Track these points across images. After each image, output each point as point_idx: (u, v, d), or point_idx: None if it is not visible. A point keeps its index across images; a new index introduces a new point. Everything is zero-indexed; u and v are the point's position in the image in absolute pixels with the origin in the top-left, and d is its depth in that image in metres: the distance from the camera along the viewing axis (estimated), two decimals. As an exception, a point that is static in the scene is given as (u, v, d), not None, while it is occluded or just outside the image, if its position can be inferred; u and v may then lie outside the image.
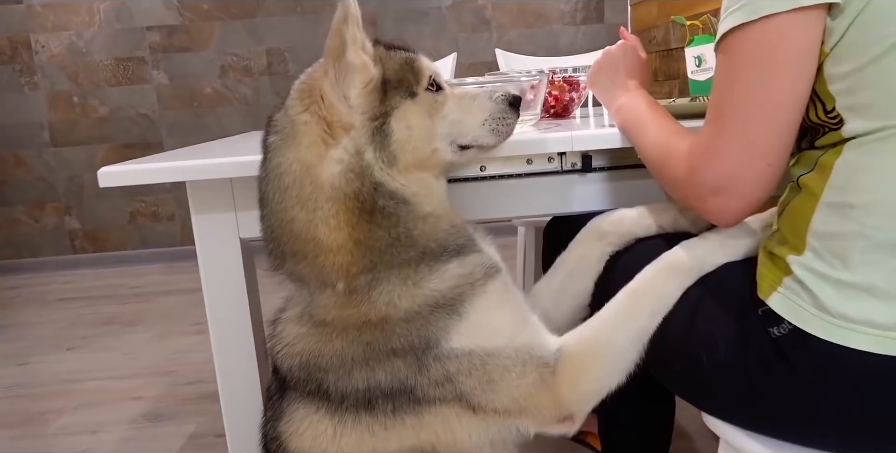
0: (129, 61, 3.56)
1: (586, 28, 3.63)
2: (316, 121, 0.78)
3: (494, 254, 0.86)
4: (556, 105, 1.28)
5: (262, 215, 0.82)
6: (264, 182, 0.81)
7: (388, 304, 0.76)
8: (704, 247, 0.79)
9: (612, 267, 0.90)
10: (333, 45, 0.76)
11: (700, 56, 1.41)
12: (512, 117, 0.86)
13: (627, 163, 1.01)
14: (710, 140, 0.70)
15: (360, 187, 0.77)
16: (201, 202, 0.99)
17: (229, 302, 1.02)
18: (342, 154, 0.77)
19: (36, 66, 3.53)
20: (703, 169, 0.71)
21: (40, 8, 3.48)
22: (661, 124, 0.85)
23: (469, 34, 3.62)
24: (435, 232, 0.80)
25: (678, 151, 0.76)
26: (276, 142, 0.80)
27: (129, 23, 3.52)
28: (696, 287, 0.78)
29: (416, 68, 0.81)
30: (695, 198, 0.74)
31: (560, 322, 0.93)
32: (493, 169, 1.00)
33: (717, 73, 0.71)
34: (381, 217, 0.77)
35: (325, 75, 0.77)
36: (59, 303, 3.15)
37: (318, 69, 0.79)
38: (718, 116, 0.69)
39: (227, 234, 1.00)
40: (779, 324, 0.68)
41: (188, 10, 3.51)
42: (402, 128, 0.78)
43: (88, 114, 3.60)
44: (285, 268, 0.81)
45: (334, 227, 0.77)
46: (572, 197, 1.02)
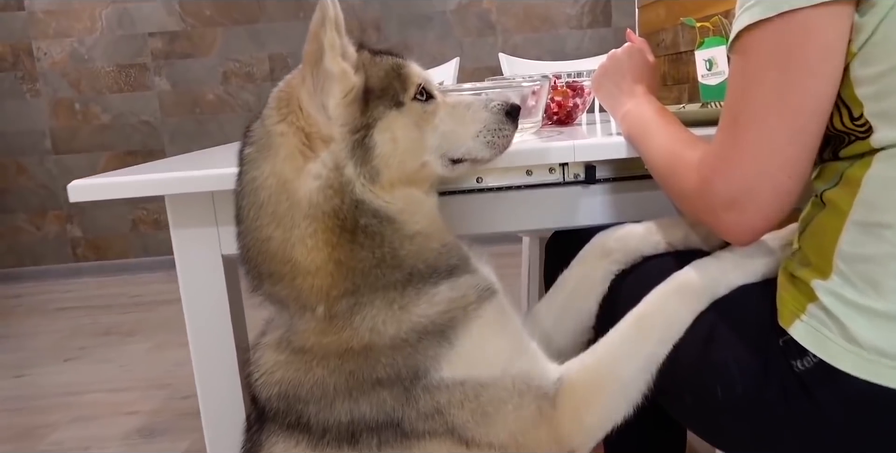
0: (131, 68, 3.53)
1: (593, 32, 3.57)
2: (293, 133, 0.72)
3: (490, 274, 0.80)
4: (560, 112, 1.22)
5: (237, 232, 0.77)
6: (240, 197, 0.75)
7: (372, 331, 0.70)
8: (718, 267, 0.73)
9: (617, 287, 0.84)
10: (311, 51, 0.70)
11: (711, 59, 1.35)
12: (509, 128, 0.79)
13: (634, 173, 0.95)
14: (724, 149, 0.64)
15: (340, 204, 0.71)
16: (181, 217, 0.94)
17: (211, 322, 0.96)
18: (320, 169, 0.71)
19: (38, 72, 3.51)
20: (715, 181, 0.64)
21: (42, 14, 3.46)
22: (669, 132, 0.78)
23: (474, 38, 3.56)
24: (424, 252, 0.74)
25: (689, 162, 0.70)
26: (251, 154, 0.75)
27: (130, 29, 3.49)
28: (709, 311, 0.71)
29: (403, 75, 0.75)
30: (707, 213, 0.67)
31: (562, 345, 0.87)
32: (491, 180, 0.94)
33: (732, 76, 0.64)
34: (363, 236, 0.71)
35: (302, 83, 0.72)
36: (59, 313, 3.12)
37: (297, 76, 0.74)
38: (733, 123, 0.63)
39: (209, 250, 0.94)
40: (802, 357, 0.61)
41: (190, 16, 3.48)
42: (385, 141, 0.72)
43: (90, 122, 3.58)
44: (263, 289, 0.75)
45: (312, 247, 0.71)
46: (575, 210, 0.96)
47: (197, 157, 1.16)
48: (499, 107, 0.79)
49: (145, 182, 0.90)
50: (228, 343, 0.97)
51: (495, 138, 0.78)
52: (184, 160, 1.13)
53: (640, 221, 0.87)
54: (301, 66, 0.72)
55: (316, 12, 0.69)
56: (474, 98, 0.81)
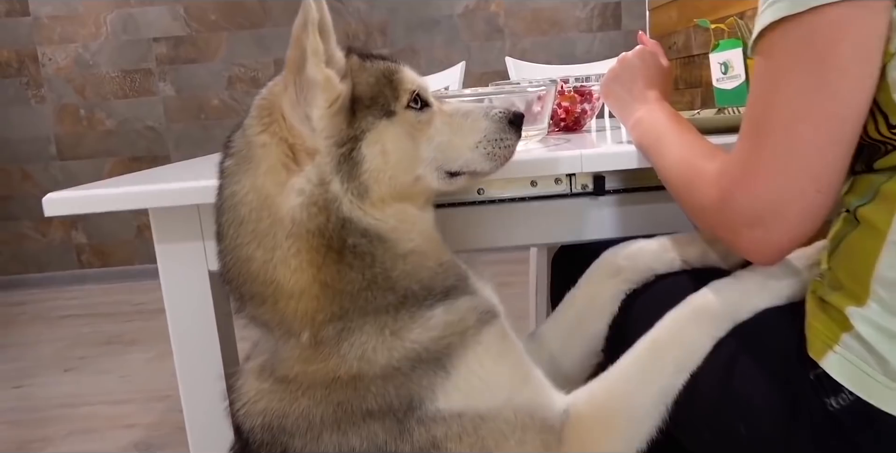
0: (136, 73, 3.51)
1: (603, 35, 3.51)
2: (276, 144, 0.67)
3: (491, 295, 0.74)
4: (567, 118, 1.17)
5: (218, 250, 0.71)
6: (219, 213, 0.70)
7: (361, 359, 0.64)
8: (739, 289, 0.67)
9: (628, 307, 0.78)
10: (293, 57, 0.64)
11: (726, 62, 1.28)
12: (512, 138, 0.73)
13: (646, 184, 0.89)
14: (746, 160, 0.58)
15: (325, 223, 0.65)
16: (165, 231, 0.89)
17: (198, 342, 0.91)
18: (304, 184, 0.66)
19: (43, 78, 3.49)
20: (737, 195, 0.58)
21: (47, 20, 3.44)
22: (685, 141, 0.72)
23: (482, 42, 3.51)
24: (418, 272, 0.68)
25: (706, 174, 0.64)
26: (231, 167, 0.69)
27: (135, 34, 3.47)
28: (730, 338, 0.65)
29: (395, 82, 0.69)
30: (727, 229, 0.61)
31: (569, 369, 0.81)
32: (493, 192, 0.88)
33: (754, 80, 0.58)
34: (352, 256, 0.66)
35: (284, 91, 0.66)
36: (61, 321, 3.09)
37: (279, 83, 0.68)
38: (756, 131, 0.57)
39: (195, 267, 0.89)
40: (836, 394, 0.55)
41: (195, 21, 3.46)
42: (375, 154, 0.66)
43: (95, 128, 3.56)
44: (246, 311, 0.70)
45: (296, 269, 0.66)
46: (583, 223, 0.90)
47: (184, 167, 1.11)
48: (500, 115, 0.73)
49: (126, 195, 0.85)
50: (216, 364, 0.91)
51: (496, 149, 0.72)
52: (170, 170, 1.08)
53: (652, 236, 0.82)
54: (284, 72, 0.67)
55: (298, 15, 0.63)
56: (474, 105, 0.75)
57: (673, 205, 0.86)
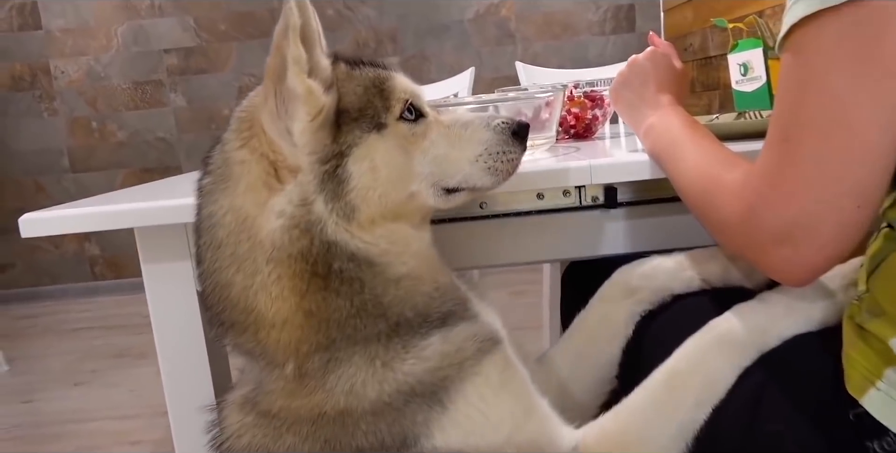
0: (147, 84, 3.51)
1: (616, 38, 3.44)
2: (256, 160, 0.62)
3: (494, 319, 0.68)
4: (577, 125, 1.11)
5: (198, 273, 0.67)
6: (197, 233, 0.66)
7: (350, 393, 0.59)
8: (766, 312, 0.60)
9: (643, 330, 0.72)
10: (272, 66, 0.59)
11: (746, 63, 1.22)
12: (516, 151, 0.67)
13: (661, 195, 0.82)
14: (774, 171, 0.52)
15: (309, 247, 0.60)
16: (152, 251, 0.84)
17: (187, 366, 0.86)
18: (285, 204, 0.61)
19: (55, 91, 3.50)
20: (763, 210, 0.52)
21: (59, 33, 3.46)
22: (703, 149, 0.66)
23: (492, 47, 3.47)
24: (412, 297, 0.63)
25: (728, 185, 0.57)
26: (209, 186, 0.64)
27: (146, 46, 3.47)
28: (756, 369, 0.59)
29: (386, 91, 0.64)
30: (752, 247, 0.55)
31: (580, 397, 0.75)
32: (496, 205, 0.82)
33: (784, 80, 0.52)
34: (338, 282, 0.61)
35: (264, 103, 0.61)
36: (73, 334, 3.07)
37: (259, 94, 0.63)
38: (785, 138, 0.51)
39: (183, 287, 0.84)
40: (881, 436, 0.48)
41: (205, 31, 3.45)
42: (363, 171, 0.61)
43: (107, 139, 3.56)
44: (228, 339, 0.65)
45: (277, 296, 0.61)
46: (594, 238, 0.84)
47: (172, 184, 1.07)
48: (503, 125, 0.67)
49: (108, 214, 0.80)
50: (206, 389, 0.86)
51: (498, 163, 0.66)
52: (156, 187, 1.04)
53: (669, 252, 0.76)
54: (264, 82, 0.62)
55: (280, 19, 0.58)
56: (475, 115, 0.69)
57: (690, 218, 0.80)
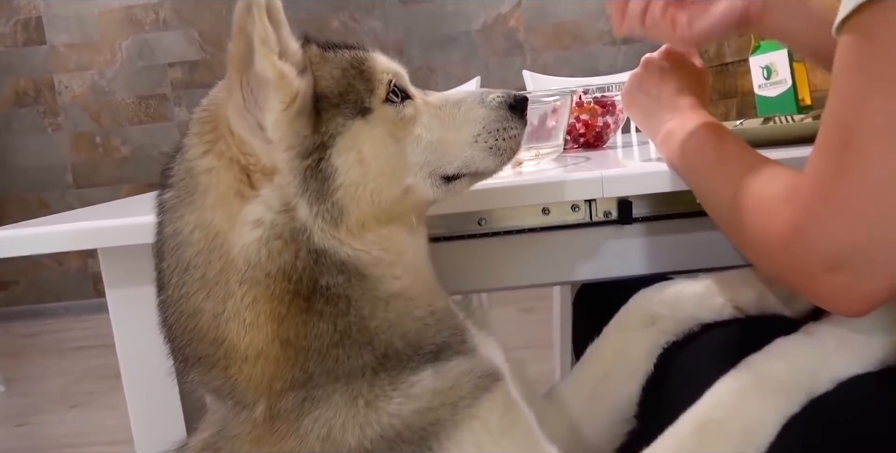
0: (151, 99, 3.48)
1: (627, 47, 3.37)
2: (224, 167, 0.54)
3: (494, 351, 0.60)
4: (587, 133, 1.02)
5: (159, 301, 0.59)
6: (159, 256, 0.58)
7: (327, 440, 0.51)
8: (815, 349, 0.51)
9: (667, 365, 0.63)
10: (236, 52, 0.51)
11: (769, 66, 1.13)
12: (516, 126, 0.60)
13: (682, 210, 0.73)
14: (829, 183, 0.43)
15: (293, 261, 0.52)
16: (117, 274, 0.77)
17: (156, 401, 0.78)
18: (261, 212, 0.53)
19: (59, 106, 3.49)
20: (814, 230, 0.44)
21: (63, 48, 3.44)
22: (732, 157, 0.57)
23: (501, 58, 3.40)
24: (403, 322, 0.54)
25: (766, 200, 0.49)
26: (171, 201, 0.56)
27: (150, 60, 3.45)
28: (805, 416, 0.49)
29: (367, 72, 0.56)
30: (797, 273, 0.47)
31: (593, 440, 0.66)
32: (495, 222, 0.74)
33: (841, 74, 0.44)
34: (322, 302, 0.53)
35: (229, 97, 0.53)
36: (73, 353, 3.01)
37: (222, 88, 0.55)
38: (845, 143, 0.42)
39: (152, 315, 0.76)
40: None
41: (209, 44, 3.42)
42: (350, 164, 0.53)
43: (111, 154, 3.53)
44: (191, 376, 0.57)
45: (251, 324, 0.52)
46: (606, 258, 0.75)
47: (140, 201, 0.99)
48: (499, 99, 0.60)
49: (70, 233, 0.73)
50: (177, 426, 0.78)
51: (500, 141, 0.59)
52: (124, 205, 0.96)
53: (693, 274, 0.67)
54: (227, 74, 0.53)
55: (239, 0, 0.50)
56: (466, 92, 0.62)
57: (716, 235, 0.71)
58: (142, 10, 3.39)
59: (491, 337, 0.62)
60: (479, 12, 3.38)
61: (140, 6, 3.39)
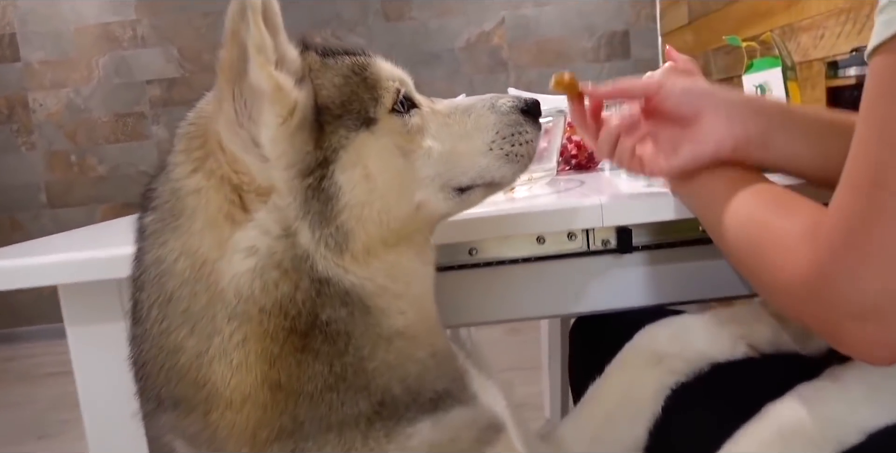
0: (129, 117, 3.40)
1: (611, 65, 3.37)
2: (214, 187, 0.49)
3: (496, 397, 0.55)
4: (579, 154, 0.99)
5: (132, 336, 0.53)
6: (137, 286, 0.52)
7: None
8: (842, 397, 0.47)
9: (675, 407, 0.58)
10: (228, 60, 0.46)
11: (763, 85, 1.10)
12: (530, 130, 0.56)
13: (684, 237, 0.70)
14: (859, 225, 0.39)
15: (291, 293, 0.48)
16: (78, 311, 0.71)
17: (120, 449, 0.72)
18: (256, 238, 0.48)
19: (33, 125, 3.40)
20: (842, 276, 0.39)
21: (38, 65, 3.36)
22: (745, 186, 0.53)
23: (485, 75, 3.39)
24: (404, 365, 0.50)
25: (785, 236, 0.45)
26: (153, 225, 0.51)
27: (128, 77, 3.38)
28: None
29: (370, 79, 0.52)
30: (821, 319, 0.42)
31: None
32: (488, 252, 0.69)
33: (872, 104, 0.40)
34: (320, 339, 0.48)
35: (219, 110, 0.48)
36: (45, 380, 2.90)
37: (212, 100, 0.50)
38: (878, 183, 0.38)
39: (115, 353, 0.70)
40: None
41: (189, 62, 3.36)
42: (355, 181, 0.49)
43: (86, 174, 3.44)
44: (163, 420, 0.51)
45: (239, 365, 0.47)
46: (605, 289, 0.71)
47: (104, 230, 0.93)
48: (510, 104, 0.56)
49: (24, 269, 0.67)
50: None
51: (515, 147, 0.55)
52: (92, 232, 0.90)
53: (701, 303, 0.62)
54: (217, 84, 0.49)
55: (232, 1, 0.45)
56: (475, 99, 0.58)
57: (721, 264, 0.67)
58: (119, 26, 3.33)
59: (491, 380, 0.57)
60: (462, 30, 3.36)
61: (117, 23, 3.33)
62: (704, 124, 0.55)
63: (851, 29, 1.20)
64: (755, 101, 0.55)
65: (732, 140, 0.55)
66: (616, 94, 0.60)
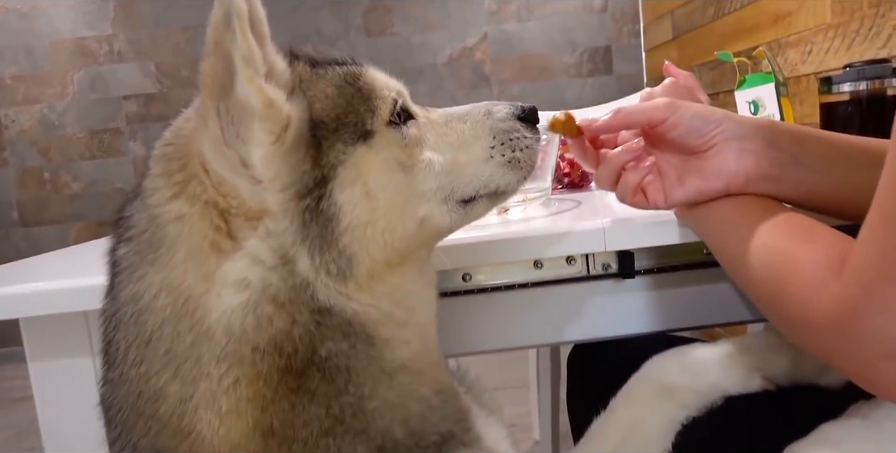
0: (105, 133, 3.33)
1: (594, 80, 3.38)
2: (199, 213, 0.44)
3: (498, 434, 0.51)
4: (572, 172, 0.96)
5: (104, 380, 0.48)
6: (110, 325, 0.47)
7: None
8: (873, 437, 0.44)
9: (687, 445, 0.54)
10: (212, 73, 0.42)
11: (756, 101, 1.09)
12: (529, 134, 0.54)
13: (688, 260, 0.66)
14: (892, 258, 0.36)
15: (287, 329, 0.43)
16: (41, 346, 0.66)
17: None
18: (246, 269, 0.44)
19: (5, 141, 3.31)
20: (875, 313, 0.36)
21: (10, 81, 3.29)
22: (761, 212, 0.50)
23: (468, 91, 3.37)
24: (406, 404, 0.46)
25: (810, 269, 0.41)
26: (129, 257, 0.46)
27: (104, 93, 3.31)
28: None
29: (364, 89, 0.48)
30: (851, 359, 0.39)
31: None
32: (483, 278, 0.65)
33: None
34: (318, 377, 0.44)
35: (203, 128, 0.43)
36: (15, 405, 2.79)
37: (193, 117, 0.46)
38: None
39: (81, 391, 0.65)
40: None
41: (166, 77, 3.30)
42: (356, 199, 0.45)
43: (60, 191, 3.35)
44: None
45: (229, 412, 0.43)
46: (605, 315, 0.67)
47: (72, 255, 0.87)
48: (507, 110, 0.54)
49: (-19, 299, 0.62)
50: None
51: (516, 152, 0.53)
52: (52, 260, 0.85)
53: (709, 330, 0.59)
54: (198, 101, 0.44)
55: (216, 8, 0.41)
56: (469, 106, 0.56)
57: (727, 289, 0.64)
58: (95, 41, 3.27)
59: (493, 417, 0.53)
60: (444, 45, 3.35)
61: (93, 37, 3.27)
62: (714, 159, 0.52)
63: (840, 44, 1.20)
64: (768, 132, 0.52)
65: (744, 177, 0.52)
66: (617, 126, 0.56)
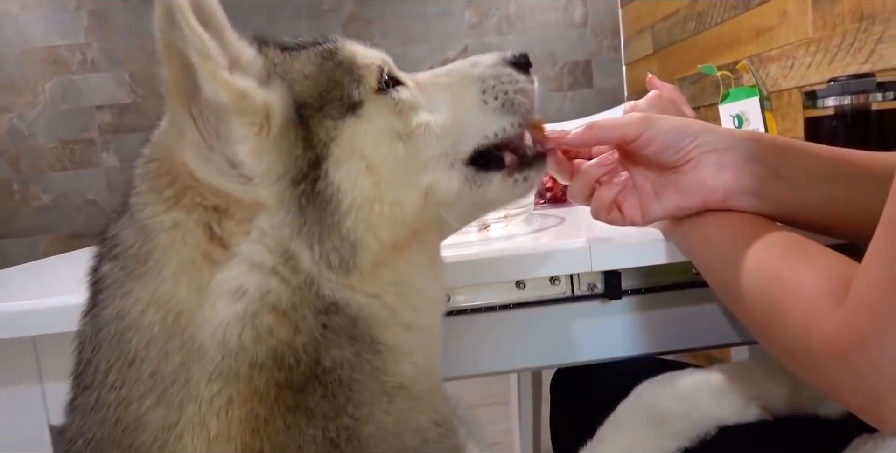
0: (77, 143, 3.26)
1: (574, 94, 3.38)
2: (195, 222, 0.42)
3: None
4: (554, 187, 0.93)
5: (74, 404, 0.43)
6: (89, 344, 0.43)
7: None
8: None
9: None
10: (173, 78, 0.39)
11: (740, 115, 1.08)
12: (522, 78, 0.51)
13: (677, 280, 0.64)
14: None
15: (290, 338, 0.40)
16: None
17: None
18: (242, 276, 0.41)
19: (-28, 152, 3.22)
20: (884, 343, 0.34)
21: (-22, 90, 3.20)
22: (752, 229, 0.48)
23: (448, 103, 3.36)
24: (401, 435, 0.43)
25: (809, 295, 0.39)
26: (114, 274, 0.43)
27: (76, 102, 3.24)
28: None
29: (345, 62, 0.46)
30: (858, 393, 0.36)
31: None
32: (462, 298, 0.62)
33: None
34: (318, 395, 0.41)
35: (180, 137, 0.41)
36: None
37: (168, 129, 0.43)
38: None
39: (29, 420, 0.61)
40: None
41: (140, 87, 3.24)
42: (355, 175, 0.42)
43: (29, 203, 3.26)
44: None
45: (217, 437, 0.40)
46: (591, 337, 0.64)
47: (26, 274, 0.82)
48: (494, 59, 0.52)
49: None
50: None
51: (510, 94, 0.50)
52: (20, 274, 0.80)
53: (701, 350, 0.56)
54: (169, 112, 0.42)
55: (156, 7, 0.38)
56: (454, 63, 0.53)
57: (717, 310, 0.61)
58: (67, 49, 3.21)
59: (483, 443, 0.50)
60: (426, 57, 3.34)
61: (66, 46, 3.21)
62: (690, 173, 0.50)
63: (822, 59, 1.19)
64: (748, 144, 0.49)
65: (721, 193, 0.50)
66: (589, 142, 0.53)
